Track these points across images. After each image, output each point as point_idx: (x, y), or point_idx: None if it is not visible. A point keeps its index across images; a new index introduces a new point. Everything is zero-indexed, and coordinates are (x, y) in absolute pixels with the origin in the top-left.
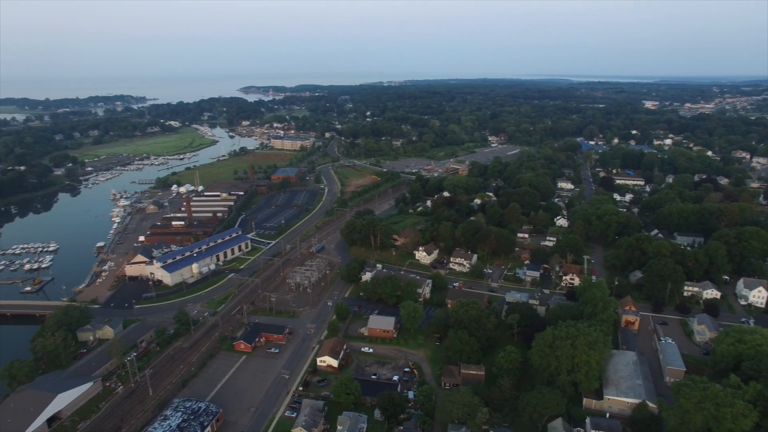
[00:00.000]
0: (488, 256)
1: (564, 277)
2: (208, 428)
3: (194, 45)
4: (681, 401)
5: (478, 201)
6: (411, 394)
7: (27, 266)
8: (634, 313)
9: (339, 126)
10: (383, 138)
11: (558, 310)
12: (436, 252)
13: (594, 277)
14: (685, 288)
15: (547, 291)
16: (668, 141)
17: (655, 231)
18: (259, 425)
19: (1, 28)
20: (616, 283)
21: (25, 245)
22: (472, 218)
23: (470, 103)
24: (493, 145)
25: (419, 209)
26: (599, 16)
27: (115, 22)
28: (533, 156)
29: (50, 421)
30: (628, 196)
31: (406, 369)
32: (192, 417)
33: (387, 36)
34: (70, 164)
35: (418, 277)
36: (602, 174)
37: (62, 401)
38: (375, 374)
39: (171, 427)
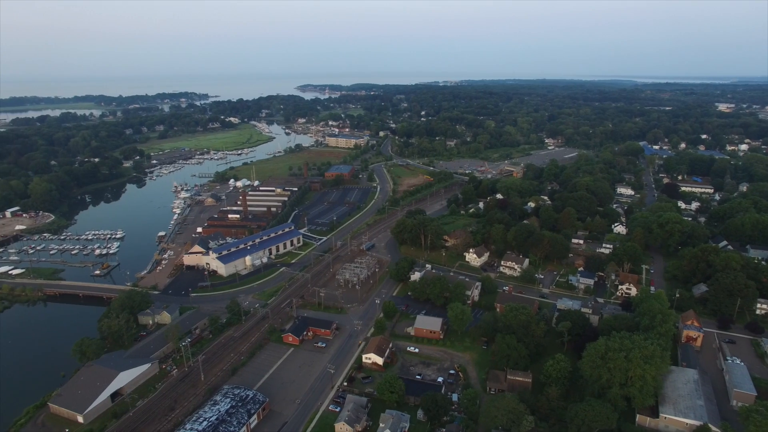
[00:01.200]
0: (540, 261)
1: (620, 287)
2: (255, 416)
3: (256, 44)
4: (751, 429)
5: (532, 204)
6: (455, 397)
7: (97, 251)
8: (697, 328)
9: (393, 125)
10: (437, 138)
11: (612, 320)
12: (486, 254)
13: (653, 288)
14: (759, 305)
15: (601, 300)
16: (744, 146)
17: (724, 242)
18: (303, 417)
19: (85, 30)
20: (678, 295)
21: (96, 232)
22: (525, 222)
23: (527, 105)
24: (549, 147)
25: (471, 211)
26: (668, 13)
27: (188, 24)
28: (591, 160)
29: (113, 396)
30: (695, 205)
31: (452, 371)
32: (240, 404)
33: (444, 36)
34: (138, 157)
35: (467, 279)
36: (666, 180)
37: (124, 379)
38: (419, 374)
39: (220, 412)
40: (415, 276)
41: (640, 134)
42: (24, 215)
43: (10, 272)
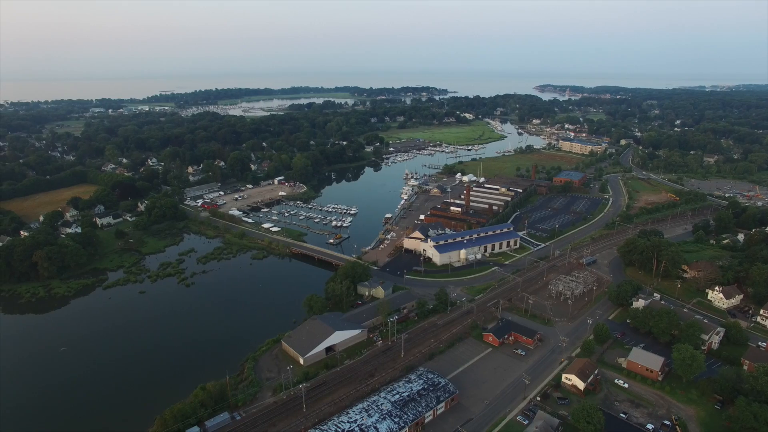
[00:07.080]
0: None
1: None
2: (443, 404)
3: (495, 43)
4: None
5: None
6: None
7: (334, 223)
8: None
9: (638, 133)
10: (692, 152)
11: None
12: (738, 297)
13: None
14: None
15: None
16: None
17: None
18: (489, 419)
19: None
20: None
21: (335, 206)
22: None
23: None
24: None
25: (724, 242)
26: None
27: (433, 24)
28: None
29: (327, 349)
30: None
31: (667, 422)
32: (431, 388)
33: (714, 31)
34: (378, 143)
35: (705, 321)
36: None
37: (338, 337)
38: (625, 413)
39: (412, 390)
40: (639, 303)
41: None
42: (286, 184)
43: (271, 228)
